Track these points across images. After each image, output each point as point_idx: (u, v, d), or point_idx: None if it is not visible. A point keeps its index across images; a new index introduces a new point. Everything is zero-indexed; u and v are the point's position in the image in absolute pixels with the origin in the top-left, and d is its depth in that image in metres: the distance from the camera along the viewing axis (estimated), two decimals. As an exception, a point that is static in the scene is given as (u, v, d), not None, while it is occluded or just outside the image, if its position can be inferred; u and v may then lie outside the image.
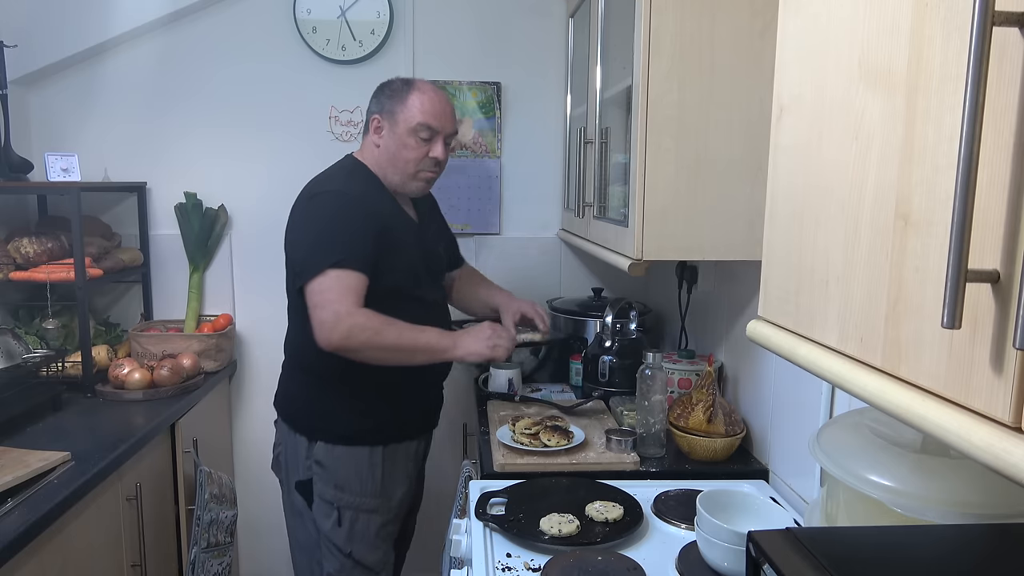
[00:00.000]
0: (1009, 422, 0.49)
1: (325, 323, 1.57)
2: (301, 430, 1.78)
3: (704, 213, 1.52)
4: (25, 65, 2.36)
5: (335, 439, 1.74)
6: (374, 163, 1.78)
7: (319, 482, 1.75)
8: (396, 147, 1.74)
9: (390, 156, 1.75)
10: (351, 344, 1.58)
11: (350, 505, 1.74)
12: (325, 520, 1.75)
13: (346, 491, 1.73)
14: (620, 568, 1.26)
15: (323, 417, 1.76)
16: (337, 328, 1.56)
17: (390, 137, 1.74)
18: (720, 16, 1.47)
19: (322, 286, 1.58)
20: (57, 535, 1.52)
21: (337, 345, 1.58)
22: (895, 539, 0.78)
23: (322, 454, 1.74)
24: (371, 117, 1.78)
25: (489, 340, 1.71)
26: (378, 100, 1.78)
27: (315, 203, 1.69)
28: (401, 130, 1.73)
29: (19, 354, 2.01)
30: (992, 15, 0.47)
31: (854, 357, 0.69)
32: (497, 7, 2.55)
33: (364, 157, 1.80)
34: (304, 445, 1.76)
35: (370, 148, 1.79)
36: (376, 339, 1.59)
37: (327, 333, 1.57)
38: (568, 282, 2.70)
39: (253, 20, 2.51)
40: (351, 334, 1.57)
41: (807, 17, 0.81)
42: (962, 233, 0.49)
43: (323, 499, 1.75)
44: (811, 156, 0.79)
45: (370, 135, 1.78)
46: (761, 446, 1.74)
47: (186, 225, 2.53)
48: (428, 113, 1.72)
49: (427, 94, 1.74)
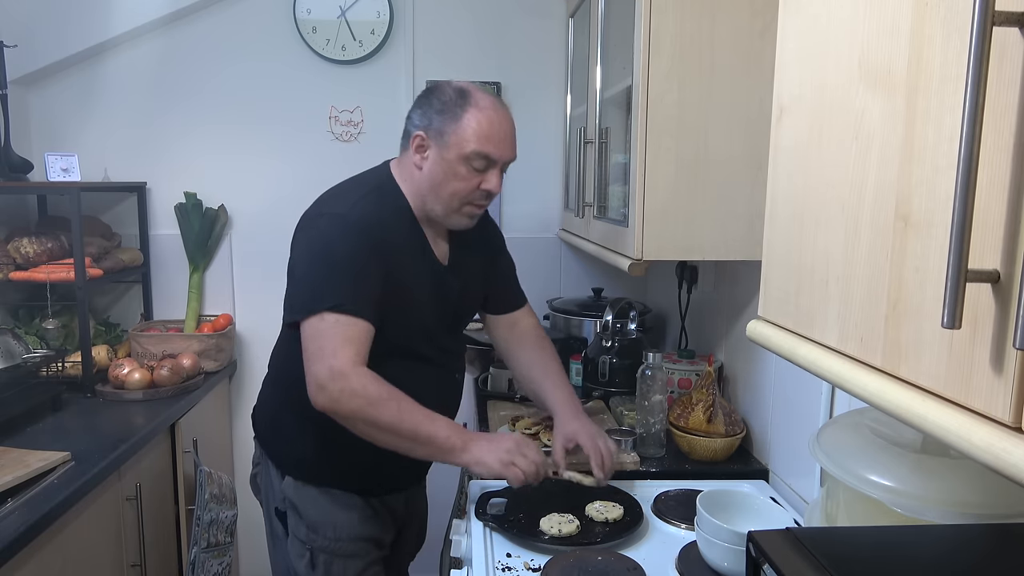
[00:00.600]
0: (1009, 422, 0.49)
1: (316, 379, 1.31)
2: (273, 459, 1.54)
3: (704, 213, 1.52)
4: (25, 65, 2.36)
5: (306, 478, 1.49)
6: (412, 187, 1.46)
7: (291, 518, 1.51)
8: (443, 175, 1.41)
9: (434, 184, 1.42)
10: (340, 409, 1.31)
11: (324, 548, 1.48)
12: (298, 559, 1.50)
13: (319, 534, 1.48)
14: (620, 568, 1.26)
15: (297, 451, 1.50)
16: (327, 388, 1.30)
17: (437, 162, 1.41)
18: (720, 16, 1.47)
19: (318, 331, 1.32)
20: (57, 535, 1.52)
21: (324, 406, 1.31)
22: (895, 539, 0.78)
23: (291, 491, 1.49)
24: (414, 133, 1.43)
25: (508, 456, 1.35)
26: (424, 112, 1.43)
27: (316, 226, 1.41)
28: (452, 156, 1.39)
29: (19, 354, 2.01)
30: (992, 15, 0.47)
31: (854, 357, 0.69)
32: (497, 7, 2.55)
33: (399, 174, 1.49)
34: (277, 475, 1.53)
35: (409, 168, 1.46)
36: (369, 412, 1.30)
37: (315, 391, 1.31)
38: (568, 282, 2.70)
39: (253, 20, 2.51)
40: (340, 399, 1.30)
41: (807, 17, 0.81)
42: (962, 233, 0.49)
43: (296, 537, 1.50)
44: (811, 156, 0.79)
45: (410, 153, 1.44)
46: (761, 446, 1.74)
47: (186, 225, 2.54)
48: (486, 139, 1.39)
49: (486, 113, 1.40)
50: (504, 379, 2.16)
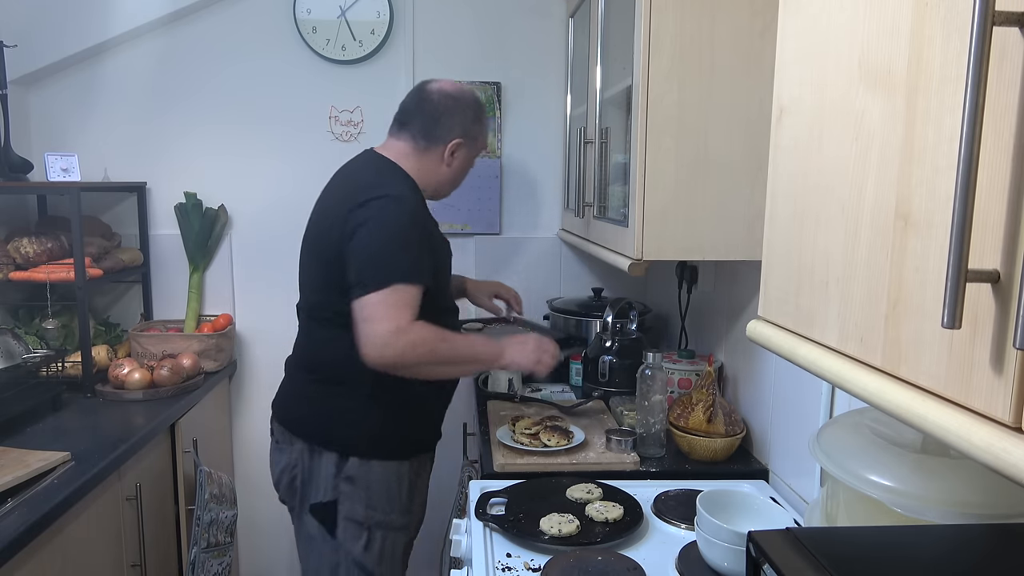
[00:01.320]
0: (1009, 422, 0.49)
1: (380, 338, 1.48)
2: (329, 446, 1.66)
3: (704, 213, 1.52)
4: (25, 65, 2.36)
5: (370, 453, 1.65)
6: (432, 178, 1.72)
7: (348, 501, 1.65)
8: (464, 168, 1.77)
9: (456, 177, 1.77)
10: (406, 360, 1.51)
11: (380, 524, 1.66)
12: (354, 543, 1.65)
13: (377, 509, 1.66)
14: (620, 568, 1.26)
15: (357, 431, 1.66)
16: (394, 344, 1.48)
17: (464, 159, 1.75)
18: (720, 16, 1.47)
19: (381, 299, 1.50)
20: (57, 535, 1.52)
21: (390, 361, 1.50)
22: (895, 539, 0.78)
23: (355, 469, 1.64)
24: (453, 139, 1.70)
25: (534, 354, 1.67)
26: (461, 123, 1.71)
27: (375, 207, 1.56)
28: (474, 154, 1.78)
29: (19, 354, 2.01)
30: (992, 15, 0.47)
31: (854, 357, 0.69)
32: (497, 7, 2.55)
33: (407, 163, 1.69)
34: (332, 462, 1.65)
35: (434, 163, 1.71)
36: (432, 355, 1.54)
37: (379, 349, 1.48)
38: (568, 282, 2.70)
39: (253, 20, 2.51)
40: (407, 350, 1.50)
41: (807, 18, 0.81)
42: (962, 233, 0.49)
43: (352, 520, 1.65)
44: (811, 156, 0.79)
45: (440, 153, 1.70)
46: (761, 446, 1.74)
47: (186, 225, 2.54)
48: None
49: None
50: (504, 379, 2.17)
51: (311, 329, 1.72)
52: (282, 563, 2.73)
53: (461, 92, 1.73)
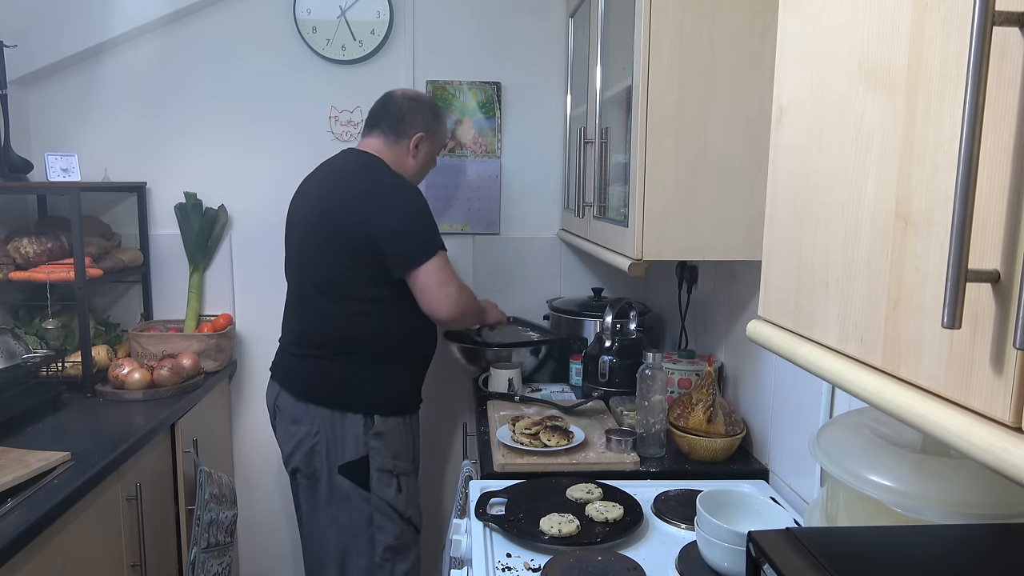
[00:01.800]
0: (1009, 422, 0.49)
1: (452, 296, 1.81)
2: (354, 408, 1.89)
3: (704, 213, 1.52)
4: (25, 65, 2.36)
5: (391, 411, 1.92)
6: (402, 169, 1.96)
7: (378, 455, 1.90)
8: (427, 161, 2.05)
9: (423, 168, 2.05)
10: (467, 310, 1.88)
11: (404, 471, 1.95)
12: (387, 489, 1.91)
13: (400, 458, 1.93)
14: (620, 568, 1.26)
15: (376, 392, 1.91)
16: (460, 300, 1.83)
17: (427, 153, 2.02)
18: (720, 16, 1.47)
19: (440, 265, 1.81)
20: (57, 535, 1.52)
21: (462, 311, 1.85)
22: (895, 539, 0.78)
23: (381, 426, 1.90)
24: (416, 132, 1.98)
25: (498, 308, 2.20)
26: (423, 118, 2.00)
27: (398, 191, 1.85)
28: (435, 149, 2.06)
29: (19, 354, 2.00)
30: (992, 15, 0.47)
31: (854, 357, 0.69)
32: (497, 7, 2.55)
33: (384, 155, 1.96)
34: (360, 423, 1.88)
35: (403, 156, 1.99)
36: (474, 304, 1.97)
37: (451, 305, 1.81)
38: (568, 282, 2.70)
39: (253, 20, 2.51)
40: (468, 301, 1.89)
41: (807, 18, 0.81)
42: (962, 233, 0.49)
43: (383, 470, 1.91)
44: (811, 157, 0.79)
45: (406, 146, 1.98)
46: (761, 446, 1.74)
47: (186, 225, 2.53)
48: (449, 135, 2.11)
49: None
50: (504, 379, 2.17)
51: (323, 307, 1.90)
52: (282, 563, 2.72)
53: (420, 95, 2.06)
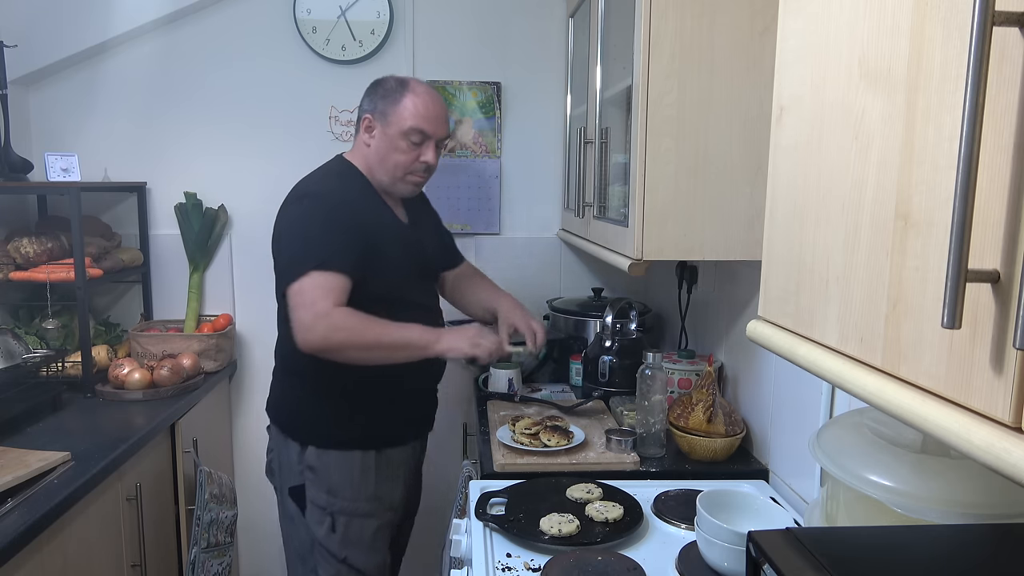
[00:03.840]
0: (1009, 422, 0.49)
1: (303, 323, 1.54)
2: (292, 435, 1.75)
3: (704, 213, 1.52)
4: (25, 65, 2.36)
5: (326, 443, 1.71)
6: (363, 163, 1.76)
7: (311, 487, 1.72)
8: (386, 149, 1.71)
9: (380, 157, 1.73)
10: (331, 344, 1.55)
11: (343, 510, 1.71)
12: (318, 526, 1.72)
13: (339, 496, 1.71)
14: (620, 568, 1.26)
15: (314, 422, 1.74)
16: (315, 329, 1.54)
17: (381, 138, 1.72)
18: (720, 16, 1.47)
19: (302, 287, 1.56)
20: (57, 535, 1.52)
21: (316, 346, 1.55)
22: (895, 539, 0.78)
23: (313, 459, 1.71)
24: (363, 116, 1.75)
25: (473, 339, 1.65)
26: (371, 99, 1.74)
27: (298, 207, 1.67)
28: (393, 132, 1.70)
29: (19, 354, 2.00)
30: (992, 15, 0.47)
31: (854, 357, 0.69)
32: (497, 7, 2.55)
33: (354, 157, 1.78)
34: (296, 450, 1.73)
35: (360, 148, 1.77)
36: (356, 338, 1.56)
37: (304, 334, 1.55)
38: (568, 282, 2.70)
39: (253, 20, 2.51)
40: (329, 334, 1.54)
41: (807, 17, 0.81)
42: (962, 233, 0.49)
43: (316, 505, 1.72)
44: (811, 156, 0.79)
45: (361, 134, 1.76)
46: (761, 446, 1.74)
47: (186, 225, 2.53)
48: (421, 117, 1.69)
49: (421, 97, 1.70)
50: (504, 379, 2.17)
51: (280, 320, 1.77)
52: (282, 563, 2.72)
53: (387, 77, 1.76)
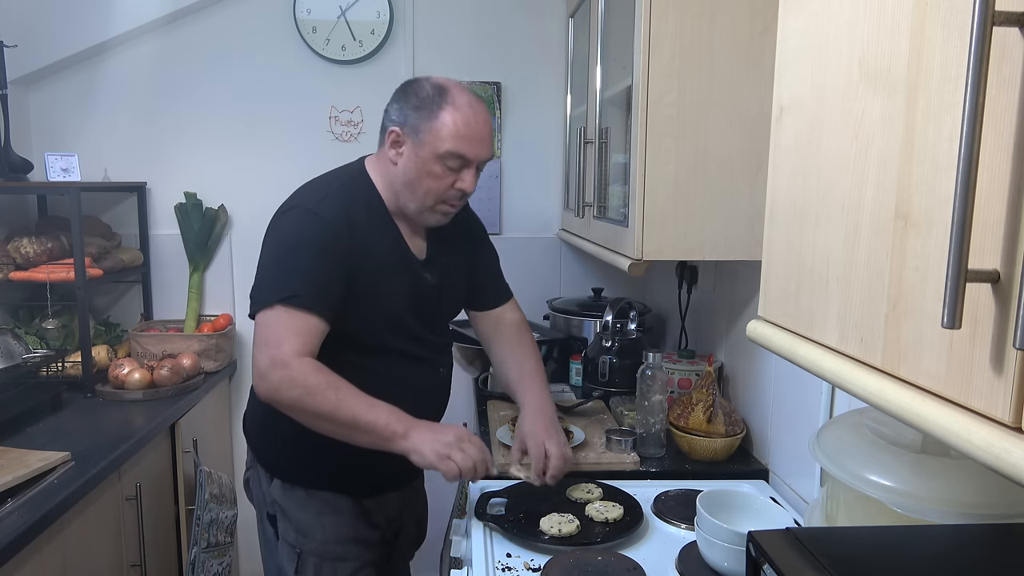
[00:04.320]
0: (1009, 422, 0.49)
1: (258, 367, 1.31)
2: (262, 463, 1.53)
3: (704, 213, 1.52)
4: (25, 65, 2.36)
5: (294, 480, 1.48)
6: (385, 181, 1.45)
7: (280, 521, 1.50)
8: (416, 172, 1.39)
9: (407, 180, 1.41)
10: (280, 399, 1.31)
11: (313, 551, 1.47)
12: (287, 564, 1.48)
13: (308, 536, 1.47)
14: (620, 568, 1.26)
15: (284, 455, 1.50)
16: (268, 377, 1.29)
17: (411, 159, 1.39)
18: (720, 16, 1.47)
19: (266, 321, 1.32)
20: (57, 535, 1.52)
21: (265, 396, 1.32)
22: (895, 539, 0.78)
23: (279, 494, 1.49)
24: (389, 128, 1.42)
25: (445, 449, 1.29)
26: (401, 108, 1.41)
27: (284, 220, 1.41)
28: (426, 154, 1.37)
29: (19, 354, 2.00)
30: (992, 15, 0.47)
31: (854, 357, 0.69)
32: (497, 7, 2.55)
33: (375, 168, 1.48)
34: (265, 479, 1.52)
35: (384, 162, 1.45)
36: (307, 401, 1.29)
37: (257, 379, 1.32)
38: (568, 282, 2.70)
39: (253, 20, 2.51)
40: (280, 387, 1.29)
41: (807, 17, 0.80)
42: (962, 233, 0.49)
43: (285, 540, 1.49)
44: (811, 156, 0.79)
45: (386, 147, 1.43)
46: (761, 446, 1.74)
47: (186, 225, 2.54)
48: (462, 138, 1.36)
49: (462, 112, 1.37)
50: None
51: None
52: (282, 563, 2.72)
53: (423, 78, 1.44)
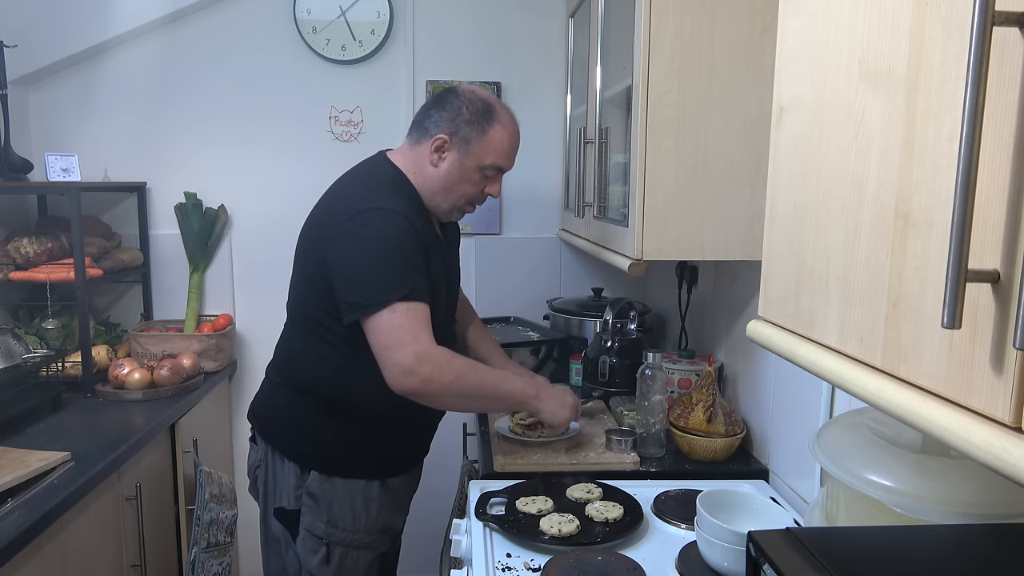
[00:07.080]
0: (1009, 422, 0.49)
1: (402, 365, 1.38)
2: (293, 457, 1.60)
3: (704, 213, 1.52)
4: (25, 65, 2.36)
5: (332, 470, 1.57)
6: (422, 181, 1.57)
7: (308, 515, 1.57)
8: (457, 178, 1.55)
9: (447, 184, 1.55)
10: (430, 390, 1.40)
11: (341, 541, 1.57)
12: (311, 555, 1.57)
13: (338, 527, 1.57)
14: (620, 568, 1.26)
15: (322, 446, 1.58)
16: (418, 371, 1.38)
17: (455, 165, 1.54)
18: (720, 16, 1.47)
19: (392, 323, 1.39)
20: (57, 535, 1.52)
21: (415, 388, 1.40)
22: (895, 539, 0.78)
23: (316, 486, 1.57)
24: (436, 133, 1.53)
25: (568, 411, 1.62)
26: (452, 118, 1.53)
27: (364, 222, 1.46)
28: (471, 163, 1.54)
29: (19, 354, 2.00)
30: (992, 15, 0.47)
31: (854, 357, 0.69)
32: (497, 7, 2.55)
33: (407, 167, 1.58)
34: (294, 473, 1.59)
35: (423, 163, 1.56)
36: (457, 386, 1.42)
37: (401, 377, 1.39)
38: (568, 282, 2.70)
39: (253, 20, 2.51)
40: (432, 378, 1.39)
41: (807, 17, 0.80)
42: (962, 233, 0.49)
43: (312, 533, 1.57)
44: (811, 156, 0.79)
45: (428, 150, 1.55)
46: (761, 446, 1.74)
47: (186, 225, 2.53)
48: (504, 153, 1.56)
49: (507, 129, 1.56)
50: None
51: (291, 333, 1.65)
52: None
53: (466, 90, 1.57)
